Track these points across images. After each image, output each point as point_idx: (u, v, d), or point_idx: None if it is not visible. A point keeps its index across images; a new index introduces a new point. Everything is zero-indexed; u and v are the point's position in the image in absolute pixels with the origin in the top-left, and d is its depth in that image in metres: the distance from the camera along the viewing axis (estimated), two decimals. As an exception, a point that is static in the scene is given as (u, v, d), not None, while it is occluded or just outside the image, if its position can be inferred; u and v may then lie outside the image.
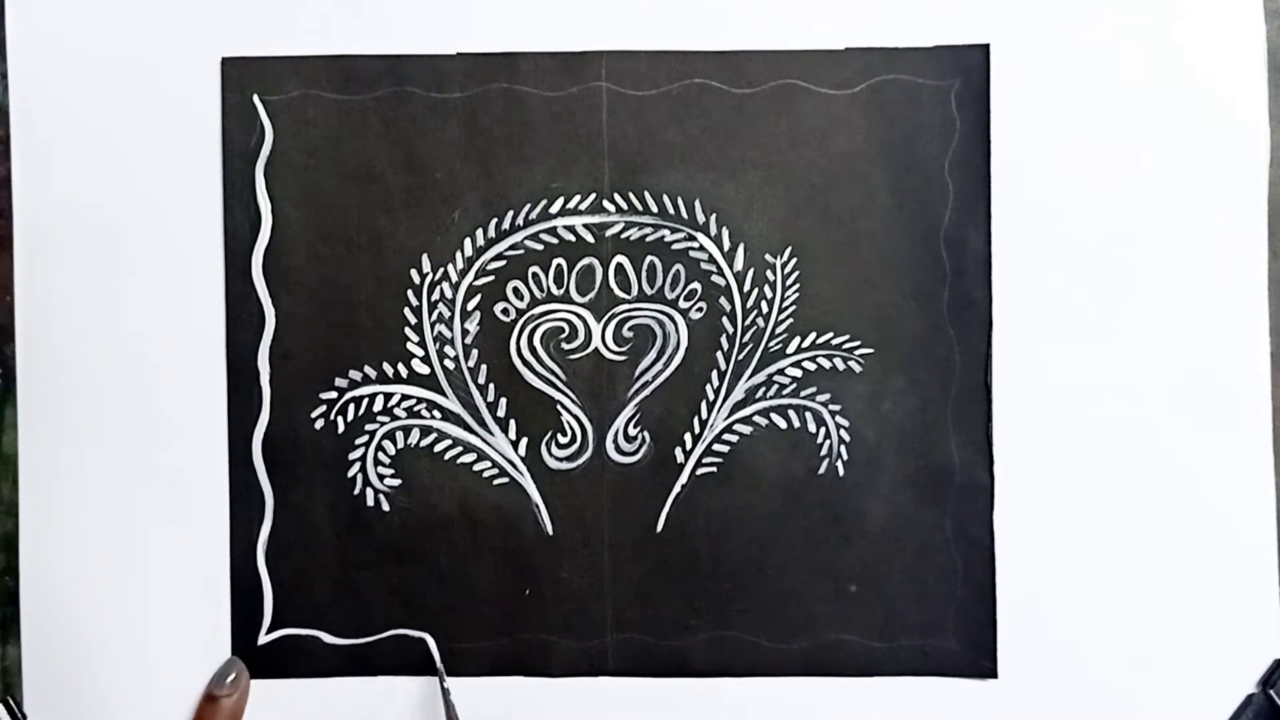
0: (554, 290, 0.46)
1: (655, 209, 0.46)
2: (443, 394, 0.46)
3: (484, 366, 0.46)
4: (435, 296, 0.46)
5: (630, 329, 0.46)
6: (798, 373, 0.46)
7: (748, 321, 0.46)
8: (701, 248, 0.46)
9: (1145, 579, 0.46)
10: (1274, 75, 0.45)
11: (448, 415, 0.47)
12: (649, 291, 0.46)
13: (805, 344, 0.46)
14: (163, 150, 0.46)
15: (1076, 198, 0.45)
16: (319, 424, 0.46)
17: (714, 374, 0.46)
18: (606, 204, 0.46)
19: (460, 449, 0.47)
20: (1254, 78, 0.45)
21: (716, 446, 0.46)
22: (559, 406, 0.46)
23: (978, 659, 0.46)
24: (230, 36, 0.46)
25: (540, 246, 0.46)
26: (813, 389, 0.46)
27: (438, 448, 0.47)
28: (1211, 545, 0.45)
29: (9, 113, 0.46)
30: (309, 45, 0.46)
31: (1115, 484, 0.45)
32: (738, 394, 0.46)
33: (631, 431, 0.46)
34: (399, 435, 0.47)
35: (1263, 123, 0.45)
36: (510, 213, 0.46)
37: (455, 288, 0.46)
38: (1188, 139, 0.45)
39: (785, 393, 0.46)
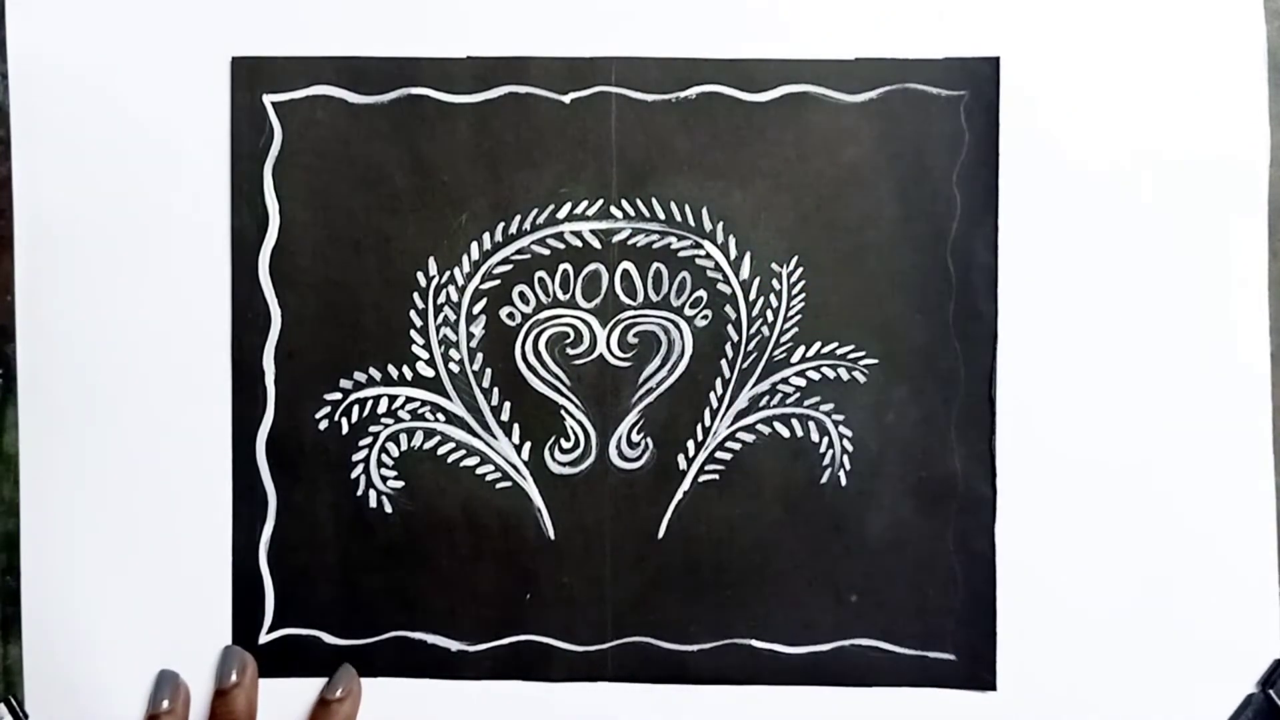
0: (560, 295, 0.46)
1: (662, 216, 0.46)
2: (447, 397, 0.46)
3: (488, 370, 0.46)
4: (441, 299, 0.46)
5: (635, 335, 0.46)
6: (802, 382, 0.46)
7: (753, 330, 0.46)
8: (708, 255, 0.46)
9: (1146, 582, 0.46)
10: (1274, 75, 0.45)
11: (451, 418, 0.47)
12: (655, 298, 0.46)
13: (810, 353, 0.46)
14: (170, 149, 0.46)
15: (1082, 211, 0.46)
16: (323, 425, 0.46)
17: (718, 382, 0.46)
18: (614, 210, 0.46)
19: (463, 452, 0.47)
20: (1254, 78, 0.45)
21: (719, 454, 0.47)
22: (563, 411, 0.46)
23: (977, 671, 0.46)
24: (240, 36, 0.46)
25: (547, 251, 0.46)
26: (816, 398, 0.46)
27: (441, 450, 0.47)
28: (1211, 546, 0.46)
29: (9, 113, 0.46)
30: (320, 46, 0.46)
31: (1117, 496, 0.46)
32: (741, 402, 0.46)
33: (635, 438, 0.46)
34: (403, 437, 0.47)
35: (1263, 123, 0.45)
36: (517, 217, 0.46)
37: (461, 291, 0.46)
38: (1188, 140, 0.45)
39: (789, 402, 0.46)
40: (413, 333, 0.46)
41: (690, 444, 0.47)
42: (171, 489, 0.46)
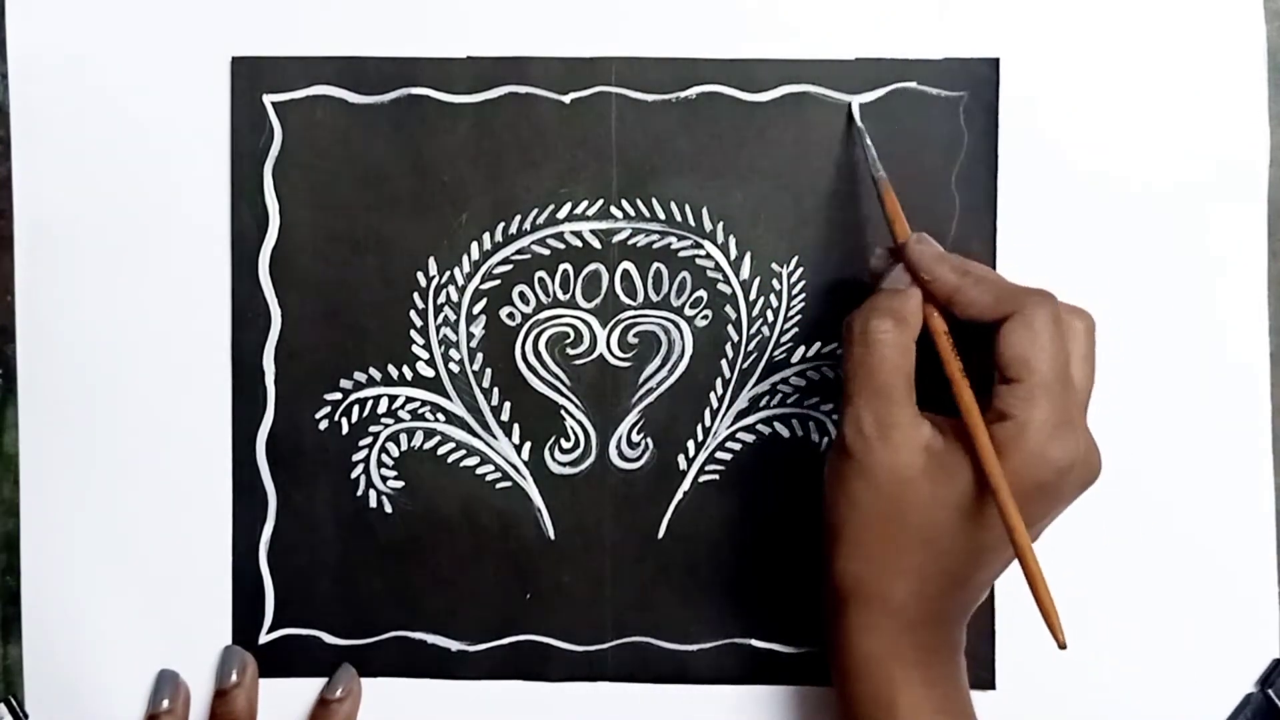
0: (560, 295, 0.46)
1: (663, 216, 0.46)
2: (447, 397, 0.46)
3: (488, 370, 0.46)
4: (441, 300, 0.46)
5: (635, 335, 0.46)
6: (802, 382, 0.46)
7: (753, 330, 0.46)
8: (708, 255, 0.46)
9: (1144, 580, 0.46)
10: (1274, 75, 0.45)
11: (451, 418, 0.47)
12: (655, 298, 0.46)
13: (810, 354, 0.46)
14: (170, 149, 0.46)
15: (1081, 212, 0.46)
16: (323, 425, 0.46)
17: (718, 382, 0.46)
18: (614, 210, 0.46)
19: (463, 452, 0.47)
20: (1254, 78, 0.45)
21: (719, 454, 0.47)
22: (563, 411, 0.46)
23: (976, 670, 0.46)
24: (240, 36, 0.46)
25: (547, 251, 0.46)
26: (816, 399, 0.46)
27: (441, 450, 0.47)
28: (1211, 545, 0.46)
29: (9, 113, 0.46)
30: (320, 46, 0.46)
31: (1114, 489, 0.45)
32: (741, 402, 0.46)
33: (635, 438, 0.46)
34: (403, 438, 0.47)
35: (1263, 123, 0.45)
36: (517, 217, 0.46)
37: (461, 291, 0.46)
38: (1188, 139, 0.45)
39: (789, 402, 0.46)
40: (413, 333, 0.46)
41: (690, 444, 0.47)
42: (171, 489, 0.46)
